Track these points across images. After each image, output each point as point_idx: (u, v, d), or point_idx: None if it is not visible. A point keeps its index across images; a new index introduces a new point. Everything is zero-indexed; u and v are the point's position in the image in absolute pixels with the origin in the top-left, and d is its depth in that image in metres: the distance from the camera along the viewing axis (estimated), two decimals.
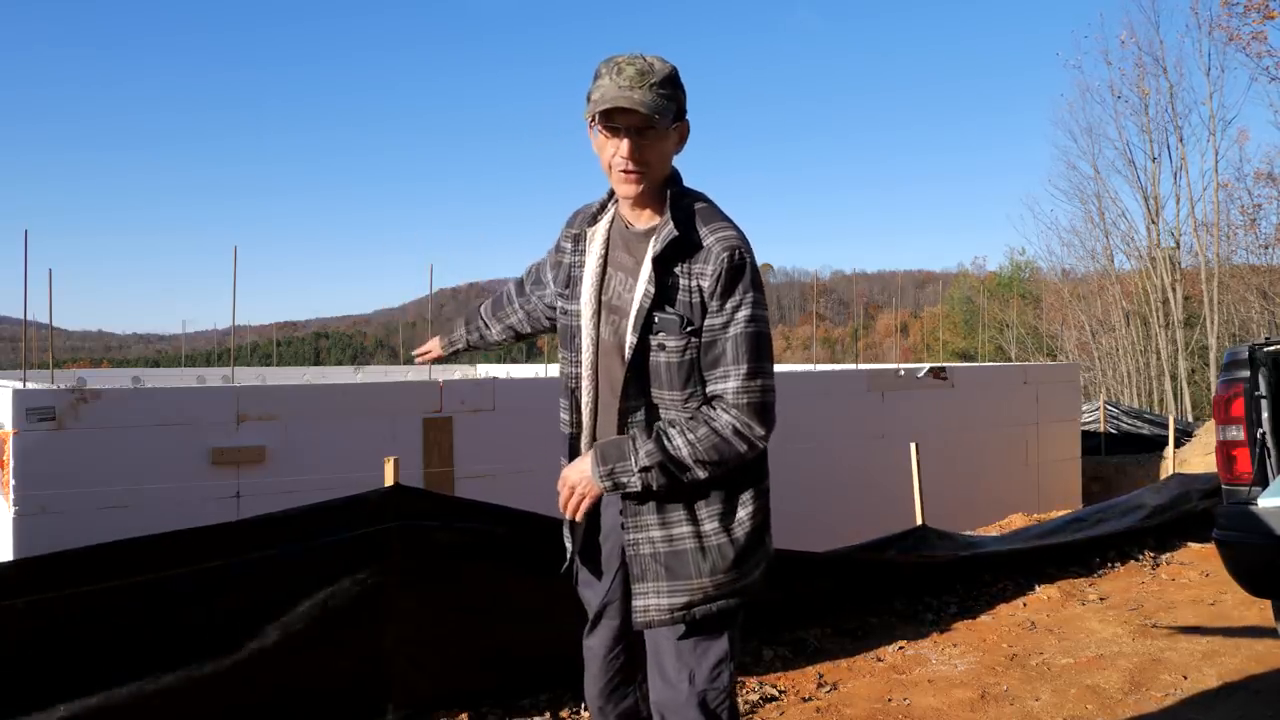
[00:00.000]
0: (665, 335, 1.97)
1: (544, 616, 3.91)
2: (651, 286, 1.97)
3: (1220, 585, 5.83)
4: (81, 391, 6.42)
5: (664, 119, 1.97)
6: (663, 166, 2.04)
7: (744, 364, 1.95)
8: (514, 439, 7.59)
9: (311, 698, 3.49)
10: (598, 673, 2.22)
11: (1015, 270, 40.05)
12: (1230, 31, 21.67)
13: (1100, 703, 4.03)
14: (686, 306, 1.97)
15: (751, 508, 2.03)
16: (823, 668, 4.45)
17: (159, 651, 3.16)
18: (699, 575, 1.99)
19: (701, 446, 1.93)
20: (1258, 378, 4.30)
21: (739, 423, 1.94)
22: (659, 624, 2.01)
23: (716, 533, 2.00)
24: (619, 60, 1.97)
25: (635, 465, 1.95)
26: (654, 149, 2.00)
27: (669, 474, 1.95)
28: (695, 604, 1.99)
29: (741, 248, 1.97)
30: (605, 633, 2.19)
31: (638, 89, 1.94)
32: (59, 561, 3.12)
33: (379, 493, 3.66)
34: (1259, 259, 25.65)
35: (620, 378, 2.03)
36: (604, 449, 2.00)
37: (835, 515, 9.17)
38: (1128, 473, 13.60)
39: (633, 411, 2.02)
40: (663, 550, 2.01)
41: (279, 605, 3.39)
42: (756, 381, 1.96)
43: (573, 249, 2.20)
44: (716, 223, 2.01)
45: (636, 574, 2.03)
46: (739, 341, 1.95)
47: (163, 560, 3.22)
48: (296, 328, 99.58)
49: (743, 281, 1.96)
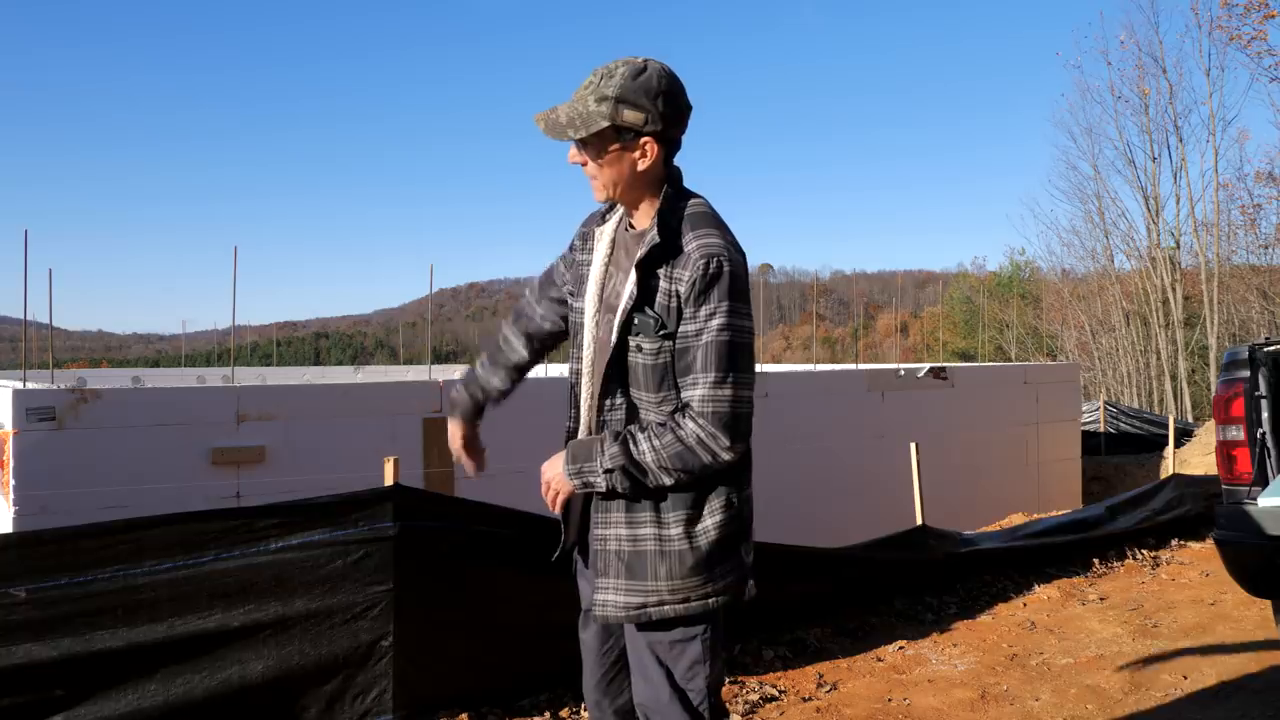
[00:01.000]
0: (643, 337, 1.97)
1: (544, 617, 3.91)
2: (634, 289, 1.97)
3: (1220, 585, 5.83)
4: (81, 391, 6.42)
5: (584, 136, 1.96)
6: (620, 178, 2.01)
7: (712, 372, 1.92)
8: (514, 439, 7.57)
9: (311, 697, 3.48)
10: (593, 665, 2.23)
11: (1015, 270, 40.06)
12: (1230, 32, 21.70)
13: (1100, 703, 4.03)
14: (664, 310, 1.96)
15: (720, 517, 2.00)
16: (823, 668, 4.45)
17: (154, 649, 3.16)
18: (655, 578, 1.98)
19: (666, 454, 1.92)
20: (1258, 378, 4.29)
21: (704, 433, 1.91)
22: (614, 619, 2.04)
23: (679, 538, 1.98)
24: (601, 67, 1.98)
25: (600, 466, 1.96)
26: (593, 166, 2.00)
27: (632, 478, 1.95)
28: (649, 606, 1.99)
29: (721, 256, 1.93)
30: (597, 626, 2.20)
31: (575, 102, 1.96)
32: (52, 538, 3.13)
33: (379, 492, 3.66)
34: (1259, 259, 25.70)
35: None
36: (575, 448, 2.02)
37: (835, 515, 9.18)
38: (1128, 473, 13.61)
39: (612, 410, 2.03)
40: (626, 549, 2.01)
41: (278, 604, 3.39)
42: (725, 391, 1.92)
43: (582, 247, 2.21)
44: (703, 229, 1.98)
45: (600, 568, 2.05)
46: (709, 350, 1.92)
47: (160, 560, 3.22)
48: (296, 328, 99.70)
49: (718, 289, 1.92)
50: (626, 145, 1.98)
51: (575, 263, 2.23)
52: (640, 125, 1.96)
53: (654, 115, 1.96)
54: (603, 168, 2.00)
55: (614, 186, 2.02)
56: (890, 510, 7.98)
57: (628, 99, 1.94)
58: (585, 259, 2.18)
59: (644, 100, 1.95)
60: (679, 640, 2.03)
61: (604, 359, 2.04)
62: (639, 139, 1.97)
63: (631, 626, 2.07)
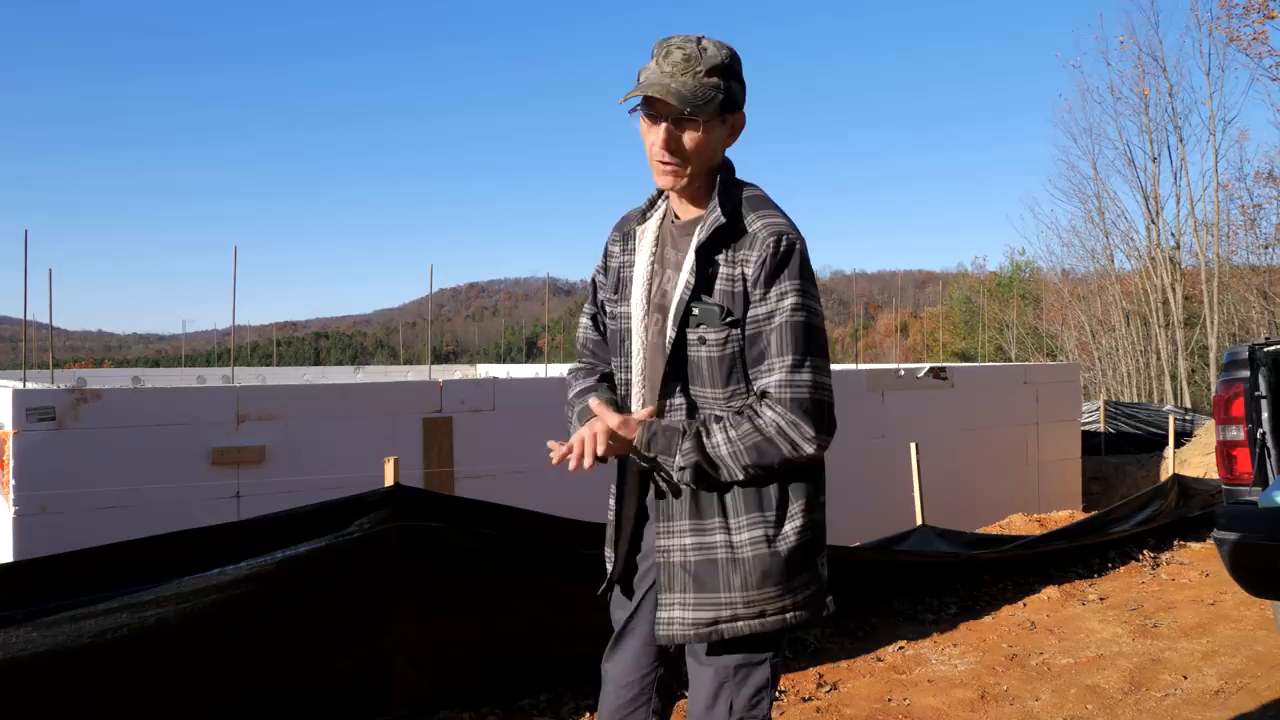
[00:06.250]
0: (705, 328, 1.84)
1: (544, 617, 3.91)
2: (692, 277, 1.85)
3: (1220, 585, 5.84)
4: (81, 391, 6.42)
5: (705, 109, 1.82)
6: (705, 159, 1.89)
7: (789, 355, 1.78)
8: (514, 439, 7.59)
9: (312, 697, 3.49)
10: (610, 696, 2.05)
11: (1015, 270, 40.04)
12: (1230, 32, 21.65)
13: (1100, 703, 4.03)
14: (728, 296, 1.83)
15: (800, 522, 1.84)
16: (823, 668, 4.45)
17: (158, 653, 3.16)
18: (728, 589, 1.82)
19: (742, 445, 1.78)
20: (1258, 378, 4.30)
21: (784, 420, 1.77)
22: (681, 639, 1.86)
23: (754, 543, 1.82)
24: (671, 43, 1.86)
25: (675, 463, 1.81)
26: (693, 140, 1.85)
27: (703, 474, 1.81)
28: (722, 621, 1.82)
29: (790, 234, 1.82)
30: (624, 655, 2.03)
31: (679, 76, 1.82)
32: (60, 562, 3.12)
33: (379, 493, 3.66)
34: (1259, 259, 25.67)
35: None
36: (655, 431, 1.84)
37: (835, 515, 9.11)
38: (1128, 473, 13.60)
39: (671, 412, 1.89)
40: (693, 559, 1.85)
41: (279, 605, 3.39)
42: (804, 376, 1.78)
43: (621, 250, 2.06)
44: (765, 210, 1.88)
45: (664, 583, 1.87)
46: (784, 331, 1.79)
47: (163, 562, 3.22)
48: (296, 328, 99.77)
49: (789, 268, 1.80)
50: (725, 122, 1.89)
51: (610, 269, 2.08)
52: (739, 98, 1.90)
53: (744, 88, 1.92)
54: (701, 148, 1.87)
55: (697, 167, 1.89)
56: (890, 510, 7.98)
57: (734, 71, 1.88)
58: (627, 260, 2.03)
59: (740, 73, 1.90)
60: (743, 665, 1.87)
61: (661, 360, 1.90)
62: (734, 114, 1.90)
63: (701, 653, 1.89)
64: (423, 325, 58.67)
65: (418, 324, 70.90)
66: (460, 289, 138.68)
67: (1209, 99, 25.35)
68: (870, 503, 9.00)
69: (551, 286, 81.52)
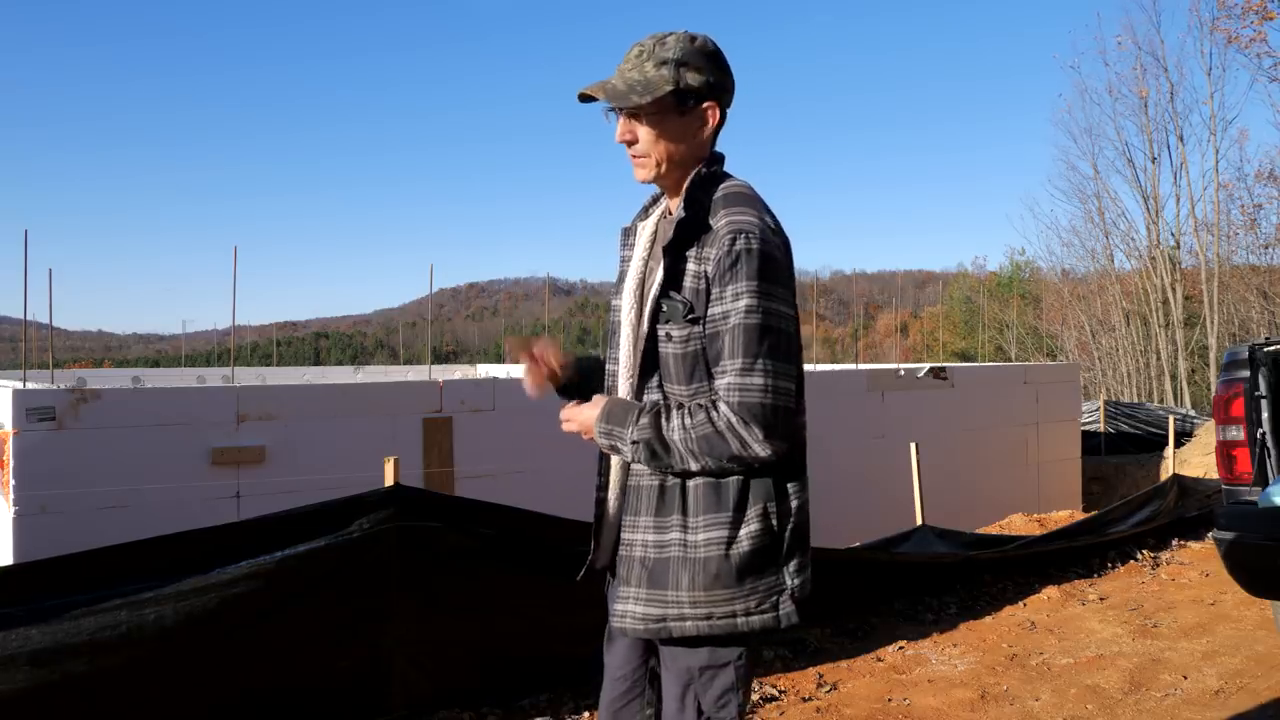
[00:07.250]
0: (671, 324, 1.85)
1: (544, 617, 3.91)
2: (664, 273, 1.87)
3: (1220, 585, 5.83)
4: (81, 391, 6.42)
5: (642, 98, 1.84)
6: (669, 151, 1.89)
7: (739, 358, 1.78)
8: (514, 439, 7.59)
9: (311, 697, 3.49)
10: (608, 686, 2.09)
11: (1015, 270, 40.02)
12: (1229, 33, 21.66)
13: (1100, 703, 4.03)
14: (693, 292, 1.83)
15: (756, 526, 1.82)
16: (823, 668, 4.45)
17: (159, 653, 3.16)
18: (676, 588, 1.83)
19: (694, 434, 1.79)
20: (1258, 378, 4.30)
21: (735, 419, 1.77)
22: (633, 633, 1.91)
23: (708, 545, 1.82)
24: (642, 39, 1.90)
25: (629, 436, 1.84)
26: (646, 133, 1.87)
27: (655, 455, 1.82)
28: (670, 620, 1.84)
29: (750, 233, 1.80)
30: (618, 648, 2.07)
31: (627, 71, 1.86)
32: (59, 564, 3.12)
33: (379, 493, 3.66)
34: (1259, 259, 25.66)
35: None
36: (612, 407, 1.89)
37: (835, 515, 9.14)
38: (1128, 473, 13.60)
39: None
40: (652, 555, 1.88)
41: (279, 605, 3.39)
42: (754, 379, 1.77)
43: (624, 245, 2.10)
44: (735, 207, 1.85)
45: (622, 575, 1.93)
46: (736, 333, 1.78)
47: (163, 562, 3.22)
48: (296, 328, 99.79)
49: (745, 268, 1.78)
50: (687, 113, 1.89)
51: (620, 263, 2.10)
52: (703, 88, 1.88)
53: (714, 78, 1.89)
54: (658, 140, 1.88)
55: (666, 162, 1.90)
56: (890, 510, 7.98)
57: (689, 61, 1.87)
58: (627, 255, 2.07)
59: (703, 63, 1.88)
60: (709, 665, 1.87)
61: (638, 353, 1.92)
62: (700, 105, 1.89)
63: (668, 651, 1.93)
64: (423, 325, 58.64)
65: (418, 324, 70.86)
66: (460, 289, 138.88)
67: (1210, 99, 25.35)
68: (870, 503, 9.00)
69: (551, 286, 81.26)
